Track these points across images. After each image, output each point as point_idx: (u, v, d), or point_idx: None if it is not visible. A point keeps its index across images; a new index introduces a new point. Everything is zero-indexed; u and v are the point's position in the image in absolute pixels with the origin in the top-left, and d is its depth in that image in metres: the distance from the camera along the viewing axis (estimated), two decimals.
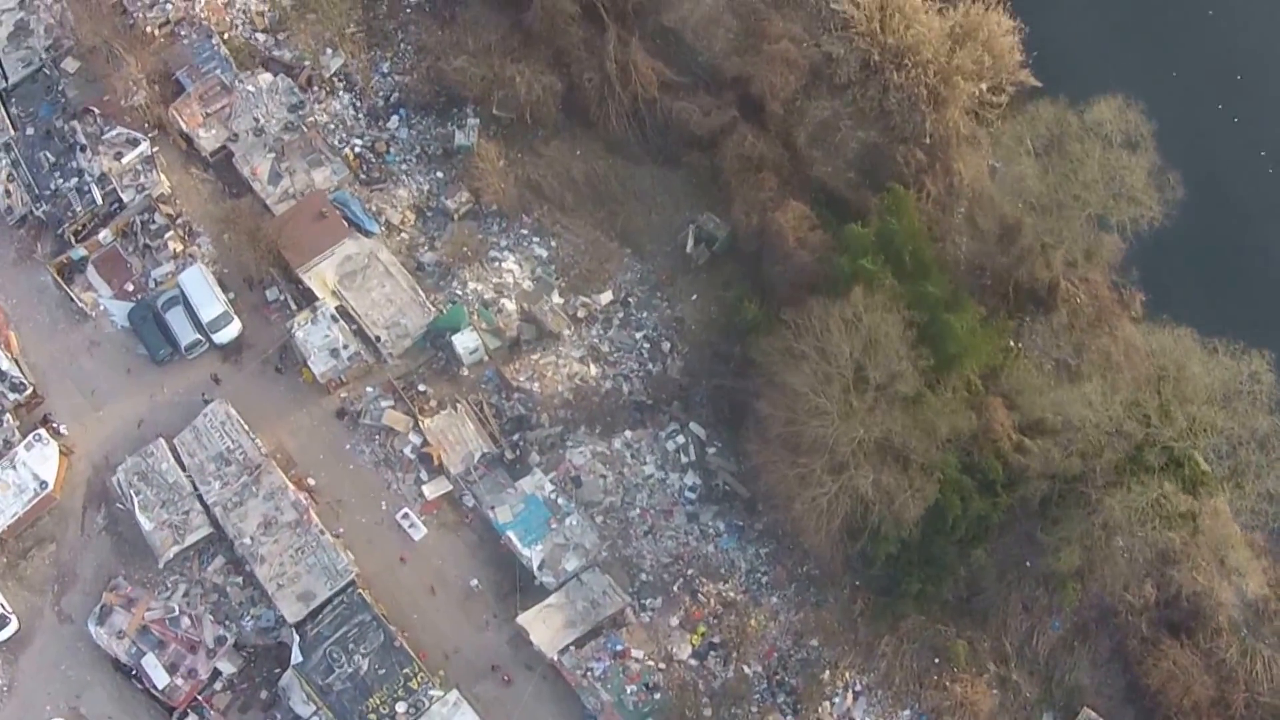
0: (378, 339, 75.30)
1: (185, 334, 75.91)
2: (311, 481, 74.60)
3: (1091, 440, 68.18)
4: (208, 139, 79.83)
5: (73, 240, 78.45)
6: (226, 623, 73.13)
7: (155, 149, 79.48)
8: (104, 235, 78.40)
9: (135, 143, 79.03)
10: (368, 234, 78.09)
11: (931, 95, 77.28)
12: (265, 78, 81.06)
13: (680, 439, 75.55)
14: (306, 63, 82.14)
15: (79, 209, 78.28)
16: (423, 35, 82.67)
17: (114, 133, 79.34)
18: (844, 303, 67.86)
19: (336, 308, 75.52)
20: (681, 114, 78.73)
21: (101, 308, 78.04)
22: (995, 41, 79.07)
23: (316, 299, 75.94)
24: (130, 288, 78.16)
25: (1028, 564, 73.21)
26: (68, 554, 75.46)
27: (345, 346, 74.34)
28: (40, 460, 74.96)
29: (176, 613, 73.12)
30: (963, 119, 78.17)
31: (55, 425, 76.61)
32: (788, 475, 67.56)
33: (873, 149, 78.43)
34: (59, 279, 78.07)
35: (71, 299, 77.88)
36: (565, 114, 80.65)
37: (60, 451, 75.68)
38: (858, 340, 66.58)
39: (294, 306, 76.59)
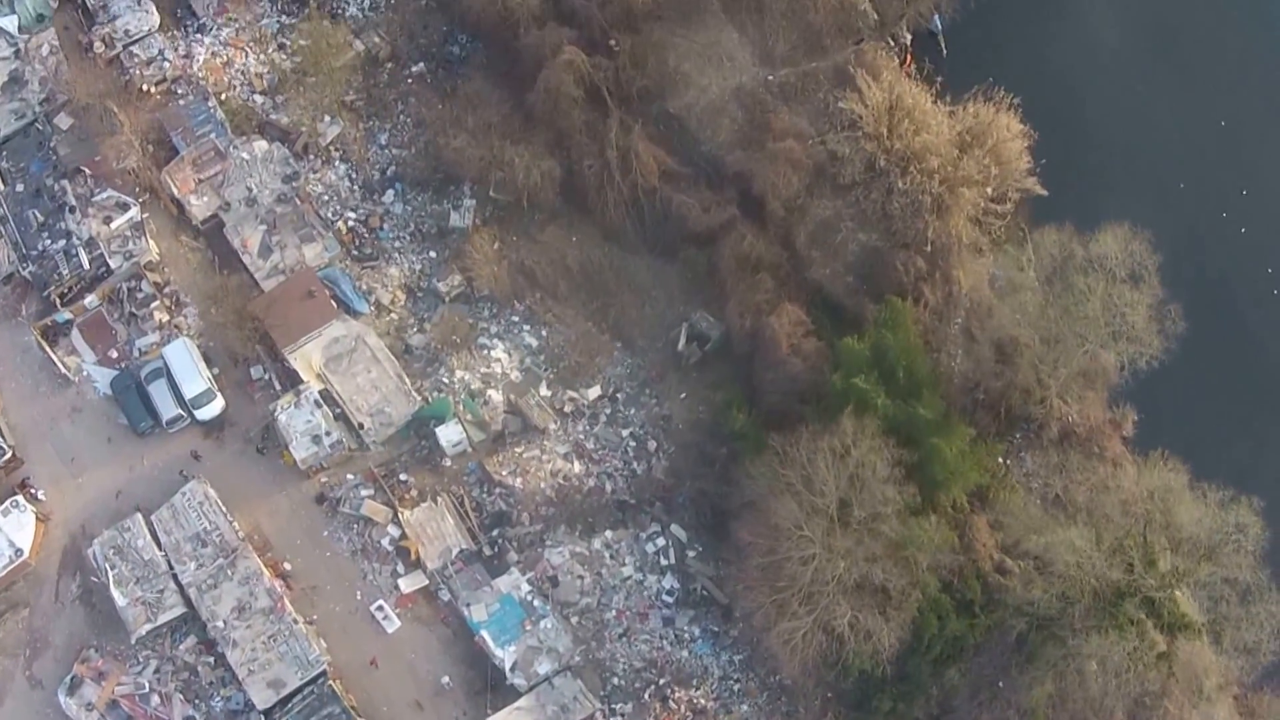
0: (361, 426, 74.56)
1: (167, 408, 75.15)
2: (287, 566, 74.12)
3: (1073, 582, 67.64)
4: (199, 206, 78.68)
5: (58, 303, 77.44)
6: (196, 702, 72.85)
7: (145, 215, 78.31)
8: (90, 300, 77.42)
9: (125, 207, 77.88)
10: (356, 314, 77.18)
11: (935, 203, 76.16)
12: (260, 145, 79.85)
13: (660, 541, 75.00)
14: (304, 129, 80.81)
15: (65, 272, 77.20)
16: (422, 109, 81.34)
17: (104, 195, 78.18)
18: (833, 433, 67.12)
19: (321, 391, 74.76)
20: (681, 208, 77.57)
21: (85, 373, 77.18)
22: (1004, 147, 77.88)
23: (301, 380, 75.12)
24: (114, 355, 77.29)
25: (999, 685, 72.98)
26: (40, 620, 75.05)
27: (328, 433, 73.63)
28: (16, 527, 74.51)
29: (146, 689, 72.90)
30: (966, 227, 77.16)
31: (33, 490, 76.00)
32: (765, 603, 67.11)
33: (873, 252, 77.38)
34: (43, 342, 77.12)
35: (55, 363, 76.98)
36: (563, 198, 79.43)
37: (37, 517, 75.17)
38: (844, 474, 65.94)
39: (278, 386, 75.80)
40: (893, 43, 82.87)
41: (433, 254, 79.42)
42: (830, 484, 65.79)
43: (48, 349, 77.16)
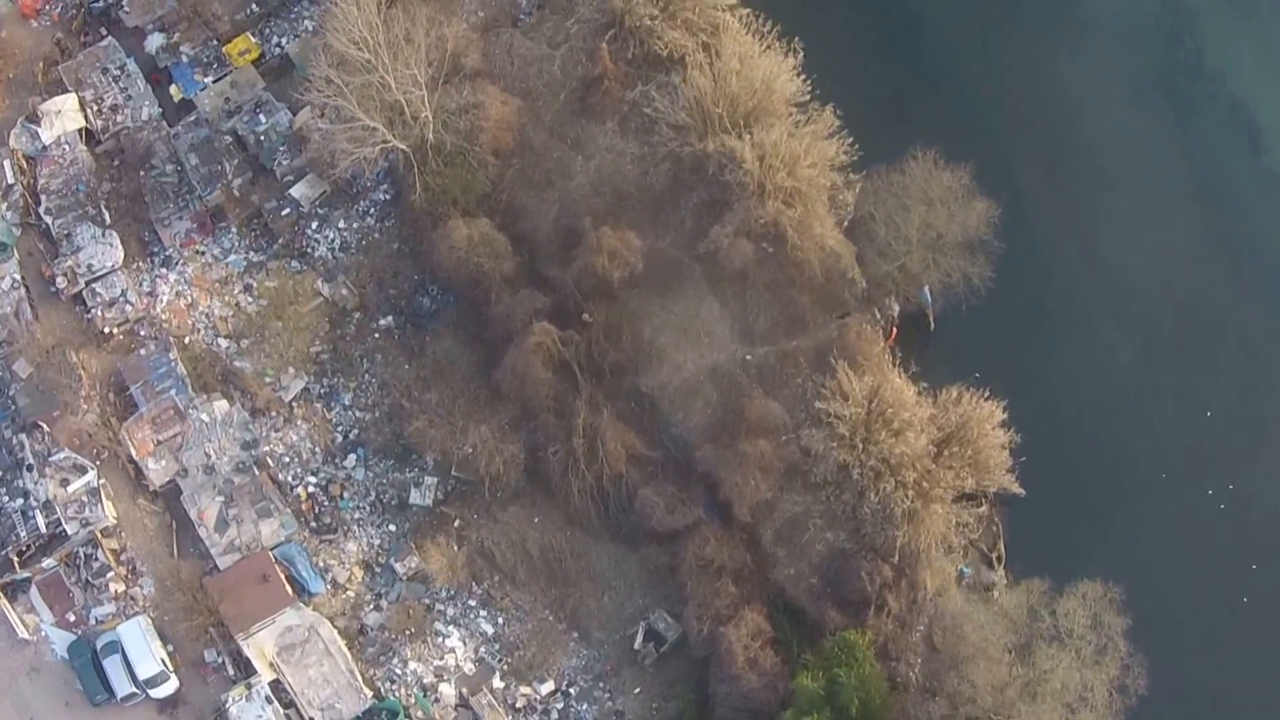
0: None
1: (121, 686, 75.06)
2: None
3: None
4: (157, 471, 77.28)
5: (15, 562, 76.93)
6: None
7: (102, 481, 77.07)
8: (47, 562, 76.86)
9: (83, 470, 76.59)
10: (312, 594, 76.43)
11: (907, 515, 74.04)
12: (221, 405, 77.91)
13: None
14: (268, 380, 78.71)
15: (23, 533, 76.46)
16: (387, 370, 78.91)
17: (61, 456, 76.85)
18: None
19: (273, 681, 74.61)
20: (645, 506, 75.64)
21: (43, 633, 77.10)
22: (983, 441, 75.46)
23: (254, 668, 74.95)
24: (72, 618, 77.01)
25: None
26: None
27: None
28: None
29: None
30: (937, 533, 75.18)
31: None
32: None
33: (839, 555, 75.57)
34: (2, 599, 76.84)
35: (12, 622, 76.89)
36: (528, 475, 77.57)
37: None
38: None
39: (232, 671, 75.58)
40: (878, 314, 79.34)
41: (392, 527, 78.01)
42: None
43: (6, 607, 76.90)
